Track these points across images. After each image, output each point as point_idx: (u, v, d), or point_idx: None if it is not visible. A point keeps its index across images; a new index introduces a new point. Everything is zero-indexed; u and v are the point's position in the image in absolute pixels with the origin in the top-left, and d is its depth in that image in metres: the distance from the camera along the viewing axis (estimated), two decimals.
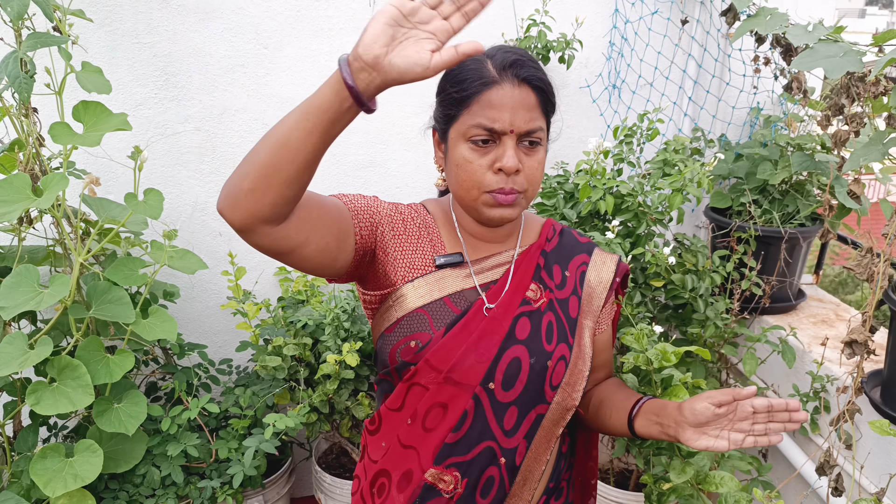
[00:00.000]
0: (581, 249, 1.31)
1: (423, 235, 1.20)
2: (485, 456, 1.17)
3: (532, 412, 1.19)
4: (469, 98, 1.09)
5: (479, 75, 1.08)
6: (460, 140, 1.11)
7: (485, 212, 1.13)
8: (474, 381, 1.14)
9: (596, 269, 1.30)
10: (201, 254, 2.33)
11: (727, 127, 2.55)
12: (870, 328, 1.73)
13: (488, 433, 1.16)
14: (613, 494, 2.32)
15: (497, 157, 1.08)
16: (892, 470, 1.74)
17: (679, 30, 2.46)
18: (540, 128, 1.11)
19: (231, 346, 2.48)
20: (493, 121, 1.07)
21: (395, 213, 1.19)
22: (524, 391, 1.17)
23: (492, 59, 1.10)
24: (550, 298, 1.22)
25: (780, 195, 2.27)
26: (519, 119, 1.08)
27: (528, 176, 1.11)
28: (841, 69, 1.68)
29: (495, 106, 1.07)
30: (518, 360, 1.16)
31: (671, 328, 2.26)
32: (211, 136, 2.33)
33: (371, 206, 1.15)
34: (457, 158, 1.11)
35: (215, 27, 2.23)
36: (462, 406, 1.14)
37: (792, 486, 2.13)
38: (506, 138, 1.08)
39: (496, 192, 1.10)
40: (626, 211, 2.04)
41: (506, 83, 1.08)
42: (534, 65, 1.11)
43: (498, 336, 1.16)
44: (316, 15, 2.29)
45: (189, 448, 1.99)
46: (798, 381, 2.12)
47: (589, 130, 2.53)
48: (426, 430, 1.16)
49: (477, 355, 1.14)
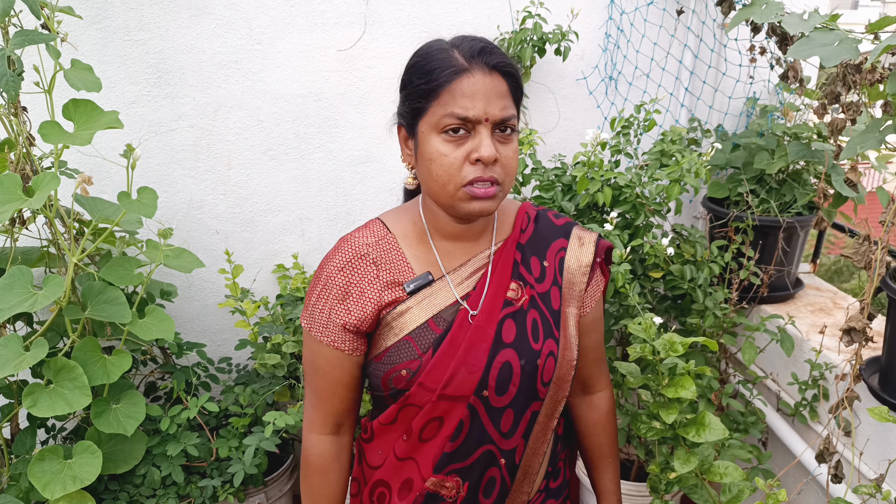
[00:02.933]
0: (558, 234, 1.26)
1: (382, 269, 1.15)
2: (484, 459, 1.16)
3: (527, 412, 1.18)
4: (439, 88, 1.04)
5: (448, 64, 1.04)
6: (432, 133, 1.06)
7: (463, 207, 1.08)
8: (468, 392, 1.12)
9: (575, 253, 1.26)
10: (198, 252, 2.32)
11: (724, 117, 2.55)
12: (868, 315, 1.73)
13: (486, 438, 1.15)
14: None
15: (473, 148, 1.04)
16: (890, 456, 1.75)
17: (675, 20, 2.45)
18: (513, 115, 1.08)
19: (230, 345, 2.47)
20: (466, 109, 1.03)
21: (354, 272, 1.14)
22: (518, 393, 1.15)
23: (458, 47, 1.06)
24: (532, 295, 1.20)
25: (778, 184, 2.27)
26: (493, 107, 1.04)
27: (504, 166, 1.08)
28: (837, 57, 1.67)
29: (468, 94, 1.03)
30: (509, 365, 1.14)
31: (670, 319, 2.26)
32: (205, 133, 2.31)
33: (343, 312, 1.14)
34: (429, 152, 1.07)
35: (208, 23, 2.21)
36: (458, 417, 1.13)
37: (792, 474, 2.14)
38: (480, 127, 1.04)
39: (475, 185, 1.05)
40: (624, 202, 2.04)
41: (476, 71, 1.04)
42: (500, 52, 1.08)
43: (486, 343, 1.13)
44: (310, 9, 2.27)
45: (189, 447, 1.98)
46: (797, 370, 2.12)
47: (586, 122, 2.52)
48: (423, 441, 1.15)
49: (468, 367, 1.11)
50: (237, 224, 2.41)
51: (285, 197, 2.42)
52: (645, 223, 2.06)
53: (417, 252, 1.17)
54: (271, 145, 2.37)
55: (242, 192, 2.39)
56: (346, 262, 1.14)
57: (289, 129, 2.36)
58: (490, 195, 1.06)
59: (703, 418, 1.26)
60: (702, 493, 1.27)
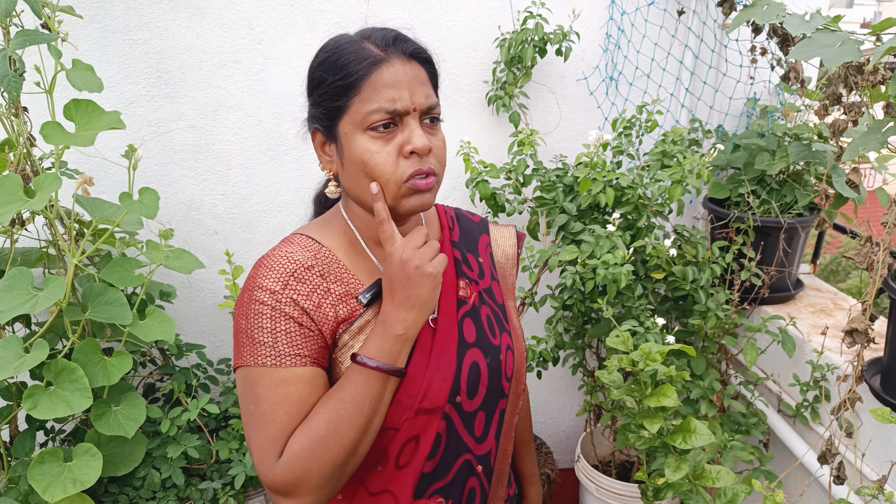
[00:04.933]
0: (480, 230, 1.25)
1: (331, 282, 1.03)
2: (464, 470, 1.11)
3: (496, 411, 1.14)
4: (358, 82, 0.97)
5: (362, 56, 0.97)
6: (357, 132, 0.98)
7: (405, 204, 1.00)
8: (443, 401, 1.04)
9: (499, 246, 1.25)
10: (197, 253, 2.32)
11: (724, 118, 2.55)
12: (870, 316, 1.73)
13: (463, 447, 1.10)
14: (615, 487, 2.32)
15: (405, 140, 0.98)
16: (893, 457, 1.75)
17: (675, 20, 2.45)
18: (437, 103, 1.03)
19: (230, 346, 2.46)
20: (393, 101, 0.96)
21: (300, 284, 1.00)
22: (487, 393, 1.11)
23: (369, 38, 1.00)
24: (478, 291, 1.16)
25: (778, 185, 2.27)
26: (418, 95, 0.98)
27: (437, 156, 1.02)
28: (839, 58, 1.67)
29: (391, 84, 0.96)
30: (477, 365, 1.09)
31: (672, 320, 2.25)
32: (205, 133, 2.30)
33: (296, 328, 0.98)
34: (358, 153, 0.98)
35: (208, 23, 2.20)
36: (434, 431, 1.05)
37: (793, 476, 2.14)
38: (409, 118, 0.98)
39: (414, 178, 0.98)
40: (626, 203, 2.03)
41: (394, 60, 0.98)
42: (414, 40, 1.03)
43: (452, 346, 1.07)
44: (310, 9, 2.26)
45: (189, 449, 1.97)
46: (798, 371, 2.12)
47: (586, 123, 2.51)
48: (400, 468, 1.05)
49: (441, 374, 1.04)
50: (237, 225, 2.40)
51: (285, 197, 2.41)
52: (647, 224, 2.06)
53: (357, 263, 1.08)
54: (271, 145, 2.36)
55: (242, 192, 2.38)
56: (289, 275, 1.00)
57: (289, 130, 2.35)
58: (430, 186, 1.00)
59: (688, 425, 1.26)
60: (697, 498, 1.26)
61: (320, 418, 0.95)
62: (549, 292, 2.17)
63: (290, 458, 0.93)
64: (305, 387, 0.97)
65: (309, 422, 0.95)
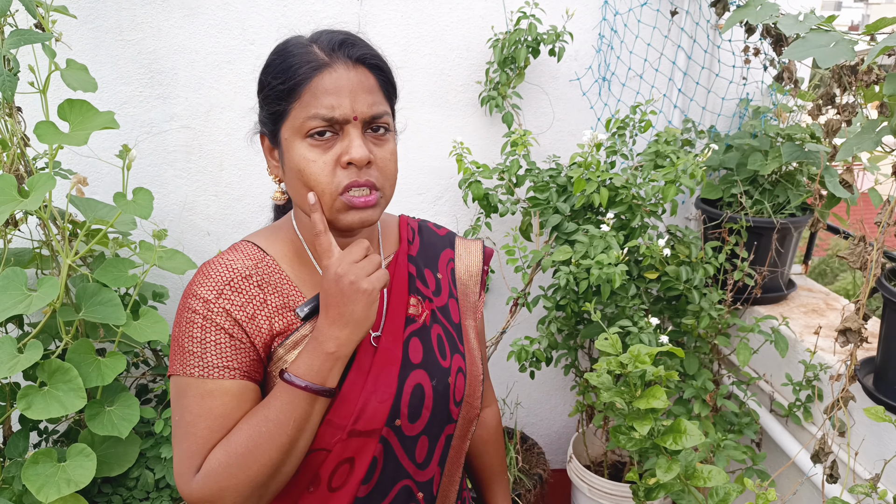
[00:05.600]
0: (444, 244, 1.20)
1: (269, 293, 0.99)
2: (402, 497, 1.06)
3: (442, 436, 1.09)
4: (298, 87, 0.94)
5: (306, 59, 0.94)
6: (296, 138, 0.95)
7: (342, 219, 0.96)
8: (380, 424, 1.00)
9: (463, 262, 1.20)
10: (190, 253, 2.31)
11: (717, 118, 2.56)
12: (863, 316, 1.74)
13: (401, 472, 1.05)
14: (607, 487, 2.33)
15: (343, 150, 0.94)
16: (886, 456, 1.76)
17: (668, 21, 2.46)
18: (385, 112, 0.98)
19: None
20: (331, 108, 0.92)
21: (234, 293, 0.97)
22: (431, 417, 1.05)
23: (317, 42, 0.97)
24: (432, 309, 1.11)
25: (771, 185, 2.28)
26: (360, 103, 0.94)
27: (381, 169, 0.97)
28: (833, 58, 1.68)
29: (331, 91, 0.93)
30: (420, 387, 1.04)
31: (665, 319, 2.26)
32: (198, 134, 2.30)
33: (226, 339, 0.96)
34: (296, 161, 0.95)
35: (201, 23, 2.20)
36: (370, 454, 1.00)
37: (786, 475, 2.15)
38: (349, 127, 0.94)
39: (351, 191, 0.94)
40: (620, 203, 2.04)
41: (338, 65, 0.94)
42: (365, 43, 0.99)
43: (394, 367, 1.02)
44: (304, 10, 2.26)
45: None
46: (791, 370, 2.13)
47: (579, 123, 2.52)
48: (332, 490, 1.00)
49: (379, 396, 0.99)
50: (229, 225, 2.39)
51: None
52: (641, 224, 2.07)
53: (301, 274, 1.04)
54: None
55: (234, 193, 2.37)
56: (224, 284, 0.97)
57: None
58: (370, 204, 0.96)
59: (679, 425, 1.26)
60: (689, 498, 1.27)
61: (241, 434, 0.92)
62: (541, 293, 2.18)
63: (206, 474, 0.91)
64: (231, 400, 0.94)
65: (229, 438, 0.92)
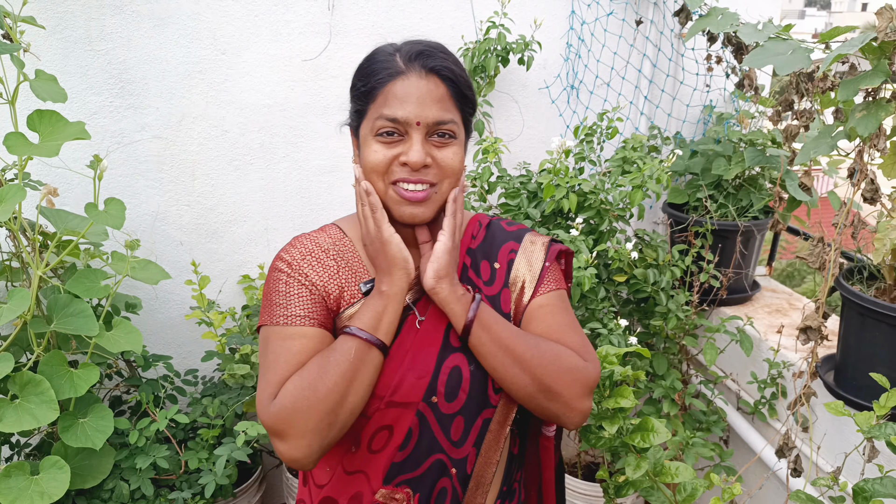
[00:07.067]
0: (509, 237, 1.24)
1: (342, 266, 1.14)
2: (435, 469, 1.13)
3: (479, 419, 1.14)
4: (375, 90, 1.05)
5: (386, 66, 1.05)
6: (370, 136, 1.07)
7: (396, 210, 1.08)
8: (416, 398, 1.09)
9: (525, 256, 1.22)
10: (163, 264, 2.30)
11: (682, 125, 2.62)
12: (823, 315, 1.80)
13: (437, 447, 1.12)
14: (581, 487, 2.37)
15: (403, 151, 1.05)
16: (846, 449, 1.82)
17: (634, 30, 2.51)
18: (451, 120, 1.06)
19: (196, 357, 2.44)
20: (397, 112, 1.03)
21: (314, 262, 1.13)
22: (468, 400, 1.12)
23: (400, 51, 1.07)
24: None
25: (735, 190, 2.35)
26: (427, 110, 1.04)
27: (442, 168, 1.07)
28: (790, 66, 1.74)
29: (399, 97, 1.03)
30: (458, 370, 1.11)
31: (634, 321, 2.31)
32: (169, 143, 2.29)
33: (307, 294, 1.10)
34: (364, 154, 1.08)
35: (171, 33, 2.20)
36: (407, 425, 1.09)
37: (752, 470, 2.20)
38: (412, 131, 1.04)
39: (402, 185, 1.06)
40: (588, 209, 2.08)
41: (412, 74, 1.04)
42: (444, 55, 1.07)
43: (434, 348, 1.10)
44: (274, 19, 2.27)
45: (159, 460, 1.96)
46: (756, 369, 2.19)
47: (549, 131, 2.57)
48: (372, 452, 1.11)
49: (416, 372, 1.09)
50: (202, 235, 2.39)
51: (251, 207, 2.41)
52: (609, 228, 2.11)
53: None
54: (236, 155, 2.36)
55: (207, 202, 2.37)
56: (308, 252, 1.13)
57: (254, 140, 2.36)
58: (418, 199, 1.07)
59: (647, 423, 1.30)
60: (658, 495, 1.30)
61: (311, 364, 1.03)
62: None
63: (281, 398, 1.01)
64: (308, 342, 1.06)
65: (302, 370, 1.03)
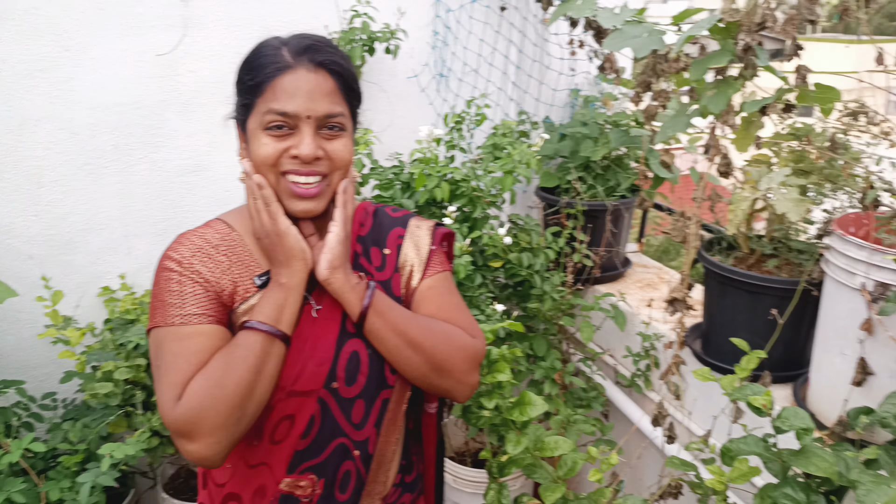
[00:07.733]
0: (396, 223, 1.28)
1: (233, 261, 1.13)
2: (338, 453, 1.15)
3: (377, 400, 1.18)
4: (263, 84, 1.06)
5: (273, 60, 1.06)
6: (259, 130, 1.07)
7: (287, 204, 1.09)
8: (317, 385, 1.11)
9: (413, 240, 1.26)
10: (9, 280, 2.10)
11: (550, 109, 2.67)
12: (687, 286, 1.88)
13: (339, 431, 1.15)
14: (470, 475, 2.38)
15: (293, 144, 1.06)
16: (715, 412, 1.91)
17: (499, 16, 2.53)
18: (341, 112, 1.08)
19: (54, 379, 2.25)
20: (287, 106, 1.04)
21: (205, 258, 1.11)
22: (367, 382, 1.15)
23: (287, 45, 1.08)
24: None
25: (603, 170, 2.41)
26: (316, 104, 1.05)
27: (332, 159, 1.08)
28: (646, 48, 1.80)
29: (289, 91, 1.04)
30: (357, 354, 1.14)
31: (513, 305, 2.33)
32: (10, 149, 2.10)
33: (201, 291, 1.08)
34: (254, 149, 1.08)
35: (6, 29, 2.02)
36: (309, 412, 1.12)
37: (632, 441, 2.28)
38: (302, 125, 1.06)
39: (293, 177, 1.07)
40: (461, 196, 2.08)
41: (300, 68, 1.05)
42: (331, 50, 1.09)
43: (332, 335, 1.13)
44: (122, 11, 2.13)
45: (14, 495, 1.79)
46: (630, 343, 2.26)
47: (419, 120, 2.54)
48: (274, 443, 1.12)
49: (316, 360, 1.11)
50: (54, 246, 2.21)
51: (107, 213, 2.25)
52: (482, 215, 2.12)
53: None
54: (88, 159, 2.19)
55: (58, 211, 2.19)
56: (197, 249, 1.11)
57: (107, 141, 2.20)
58: (311, 194, 1.08)
59: (524, 397, 1.31)
60: (540, 472, 1.32)
61: (215, 361, 1.02)
62: None
63: (187, 397, 0.99)
64: (207, 339, 1.05)
65: (206, 367, 1.02)
